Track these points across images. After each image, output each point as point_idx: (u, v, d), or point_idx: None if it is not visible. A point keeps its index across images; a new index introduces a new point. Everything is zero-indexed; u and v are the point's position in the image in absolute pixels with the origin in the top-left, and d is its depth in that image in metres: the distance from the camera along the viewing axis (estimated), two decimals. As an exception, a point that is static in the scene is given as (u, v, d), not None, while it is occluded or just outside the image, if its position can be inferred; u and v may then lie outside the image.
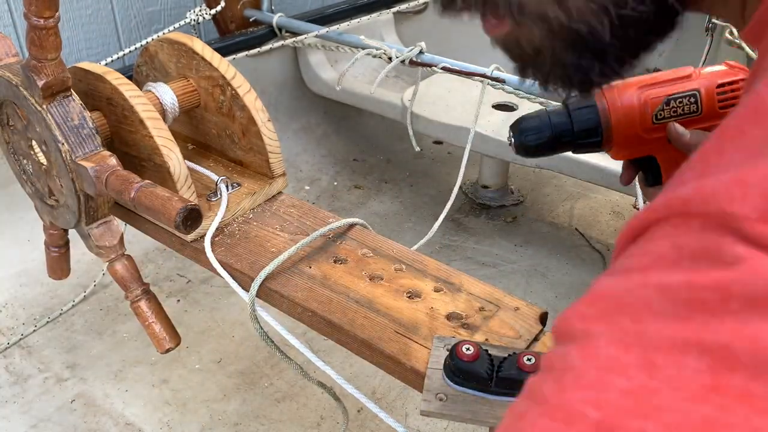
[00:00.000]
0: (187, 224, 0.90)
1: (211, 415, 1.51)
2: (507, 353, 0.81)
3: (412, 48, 1.89)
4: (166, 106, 1.17)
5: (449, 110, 2.01)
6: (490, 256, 2.01)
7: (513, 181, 2.32)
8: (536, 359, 0.78)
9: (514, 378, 0.78)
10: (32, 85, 0.98)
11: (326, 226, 1.10)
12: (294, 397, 1.55)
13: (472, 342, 0.82)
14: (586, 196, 2.28)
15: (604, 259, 1.99)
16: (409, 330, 0.93)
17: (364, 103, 2.20)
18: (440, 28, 2.70)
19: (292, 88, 2.37)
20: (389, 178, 2.39)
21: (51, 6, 0.90)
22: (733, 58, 1.96)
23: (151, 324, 1.11)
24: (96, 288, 1.83)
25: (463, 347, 0.80)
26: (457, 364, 0.80)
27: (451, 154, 2.50)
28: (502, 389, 0.79)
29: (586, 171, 1.79)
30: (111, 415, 1.51)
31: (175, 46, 1.19)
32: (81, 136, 1.02)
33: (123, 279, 1.11)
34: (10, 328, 1.72)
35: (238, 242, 1.10)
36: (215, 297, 1.83)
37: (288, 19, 2.20)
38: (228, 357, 1.66)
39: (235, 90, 1.15)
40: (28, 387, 1.57)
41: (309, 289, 1.01)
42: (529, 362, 0.78)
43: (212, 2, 2.12)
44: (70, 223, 1.11)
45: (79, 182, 1.03)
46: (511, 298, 0.98)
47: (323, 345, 1.61)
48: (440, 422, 1.49)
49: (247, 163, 1.23)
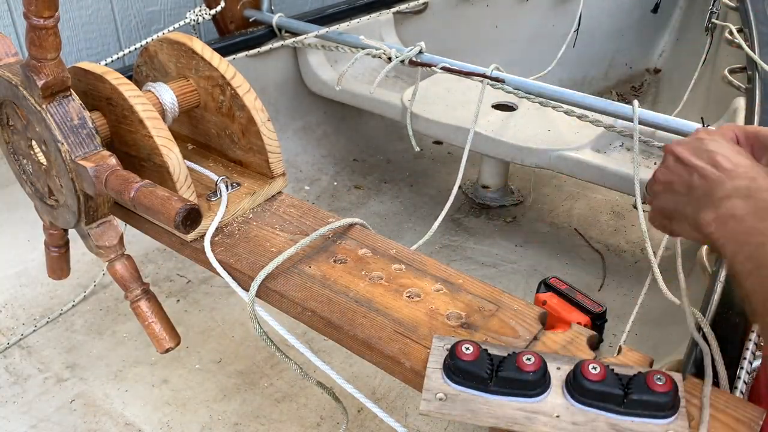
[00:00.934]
0: (187, 224, 0.89)
1: (211, 415, 1.51)
2: (507, 352, 0.81)
3: (412, 48, 1.89)
4: (165, 106, 1.17)
5: (449, 110, 2.01)
6: (490, 256, 2.01)
7: (513, 181, 2.32)
8: (535, 359, 0.79)
9: (514, 378, 0.78)
10: (32, 85, 0.98)
11: (326, 226, 1.10)
12: (294, 397, 1.55)
13: (472, 341, 0.82)
14: (586, 196, 2.28)
15: (604, 259, 1.99)
16: (409, 330, 0.93)
17: (363, 103, 2.20)
18: (440, 28, 2.70)
19: (292, 88, 2.37)
20: (389, 178, 2.39)
21: (51, 6, 0.90)
22: (733, 58, 1.96)
23: (150, 324, 1.11)
24: (96, 288, 1.83)
25: (462, 347, 0.80)
26: (456, 364, 0.80)
27: (451, 154, 2.50)
28: (501, 389, 0.79)
29: (586, 171, 1.79)
30: (111, 415, 1.51)
31: (174, 46, 1.19)
32: (81, 135, 1.02)
33: (123, 279, 1.11)
34: (10, 328, 1.72)
35: (237, 242, 1.10)
36: (215, 297, 1.83)
37: (288, 19, 2.20)
38: (228, 357, 1.66)
39: (235, 90, 1.15)
40: (28, 387, 1.57)
41: (309, 288, 1.01)
42: (528, 362, 0.78)
43: (212, 2, 2.12)
44: (70, 222, 1.11)
45: (78, 182, 1.03)
46: (511, 298, 0.98)
47: (323, 345, 1.61)
48: (440, 422, 1.49)
49: (246, 163, 1.23)
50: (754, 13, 2.08)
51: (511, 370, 0.78)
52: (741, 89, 1.78)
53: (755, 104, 1.64)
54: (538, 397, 0.78)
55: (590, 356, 0.88)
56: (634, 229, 2.10)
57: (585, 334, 0.91)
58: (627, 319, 1.47)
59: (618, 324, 1.74)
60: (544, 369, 0.79)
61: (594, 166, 1.77)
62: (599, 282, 1.90)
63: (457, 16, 2.74)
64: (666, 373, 0.77)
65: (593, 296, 1.08)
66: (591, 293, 1.86)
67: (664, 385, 0.75)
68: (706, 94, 2.26)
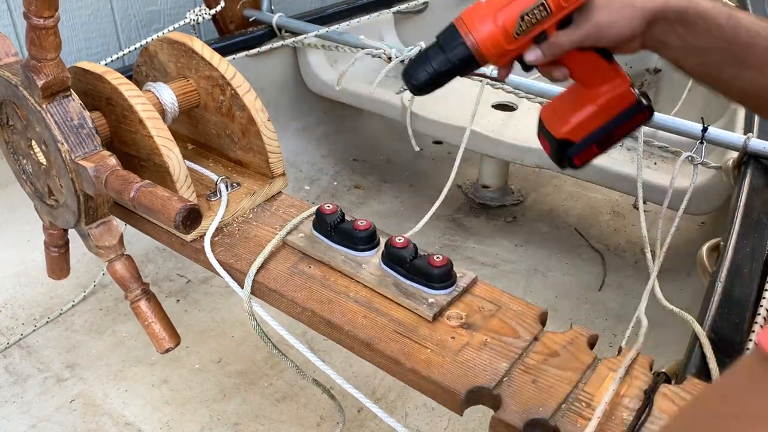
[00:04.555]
0: (187, 224, 0.89)
1: (210, 415, 1.51)
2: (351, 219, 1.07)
3: (412, 48, 1.89)
4: (165, 106, 1.17)
5: (449, 110, 2.01)
6: (490, 256, 2.01)
7: (513, 181, 2.32)
8: (367, 223, 1.04)
9: (350, 234, 1.04)
10: (32, 85, 0.98)
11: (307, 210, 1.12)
12: (294, 397, 1.55)
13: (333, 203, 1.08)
14: (586, 196, 2.28)
15: (604, 258, 1.99)
16: (409, 330, 0.93)
17: (363, 103, 2.19)
18: (440, 28, 2.70)
19: (292, 88, 2.37)
20: (389, 178, 2.39)
21: (50, 6, 0.90)
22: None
23: (150, 324, 1.11)
24: (96, 288, 1.83)
25: (325, 206, 1.07)
26: (321, 218, 1.07)
27: (451, 154, 2.50)
28: (340, 240, 1.06)
29: (586, 171, 1.78)
30: (110, 415, 1.51)
31: (174, 46, 1.19)
32: (80, 135, 1.02)
33: (122, 279, 1.11)
34: (10, 328, 1.72)
35: (237, 242, 1.10)
36: (215, 297, 1.83)
37: (288, 19, 2.19)
38: (228, 357, 1.66)
39: (235, 90, 1.15)
40: (28, 387, 1.57)
41: (309, 288, 1.01)
42: (362, 224, 1.04)
43: (212, 2, 2.12)
44: (70, 222, 1.11)
45: (78, 182, 1.03)
46: (511, 298, 0.98)
47: (323, 345, 1.61)
48: (440, 422, 1.49)
49: (246, 162, 1.23)
50: (755, 14, 2.08)
51: (348, 231, 1.04)
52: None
53: (755, 104, 1.64)
54: (364, 252, 1.04)
55: (590, 356, 0.88)
56: (635, 229, 2.10)
57: (585, 334, 0.92)
58: (627, 319, 1.47)
59: (618, 324, 1.74)
60: (373, 231, 1.04)
61: (594, 166, 1.76)
62: (599, 282, 1.90)
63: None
64: (445, 256, 0.97)
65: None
66: (591, 293, 1.87)
67: (440, 262, 0.96)
68: (706, 94, 2.26)
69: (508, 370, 0.86)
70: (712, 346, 0.91)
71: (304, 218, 1.12)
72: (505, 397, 0.83)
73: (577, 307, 1.81)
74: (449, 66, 0.84)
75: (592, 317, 1.77)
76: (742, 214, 1.24)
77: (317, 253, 1.05)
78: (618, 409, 0.81)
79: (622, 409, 0.81)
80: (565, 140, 0.89)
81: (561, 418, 0.81)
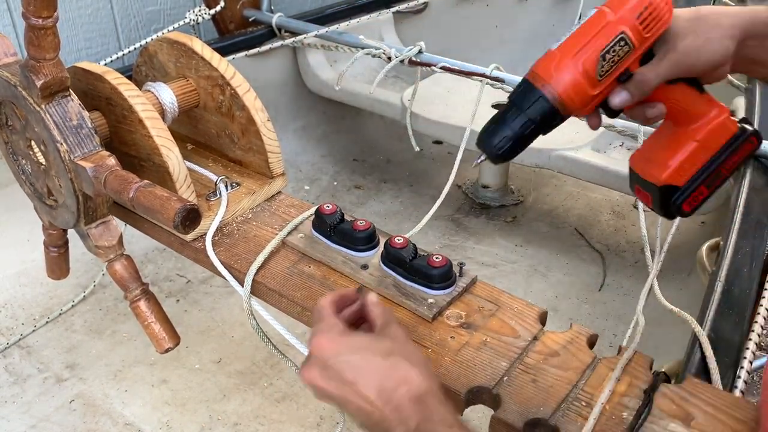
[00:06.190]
0: (186, 224, 0.89)
1: (210, 415, 1.51)
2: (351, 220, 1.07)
3: (412, 48, 1.89)
4: (165, 106, 1.17)
5: (448, 110, 2.01)
6: (490, 256, 2.01)
7: (513, 181, 2.32)
8: (366, 224, 1.04)
9: (349, 234, 1.04)
10: (31, 85, 0.98)
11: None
12: (294, 397, 1.55)
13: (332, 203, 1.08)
14: (586, 196, 2.28)
15: (604, 259, 1.99)
16: (409, 330, 0.93)
17: (363, 103, 2.19)
18: (440, 28, 2.70)
19: (291, 88, 2.37)
20: (389, 178, 2.39)
21: (49, 6, 0.89)
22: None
23: (150, 324, 1.10)
24: (95, 288, 1.83)
25: (325, 205, 1.07)
26: (320, 218, 1.07)
27: (451, 154, 2.50)
28: (340, 240, 1.05)
29: (586, 171, 1.79)
30: (110, 415, 1.51)
31: (174, 46, 1.19)
32: (80, 136, 1.01)
33: (122, 279, 1.11)
34: (10, 328, 1.72)
35: (237, 242, 1.10)
36: (215, 297, 1.83)
37: (287, 19, 2.19)
38: (228, 357, 1.66)
39: (235, 90, 1.15)
40: (28, 387, 1.57)
41: (309, 288, 1.01)
42: (361, 224, 1.04)
43: (211, 2, 2.12)
44: (69, 223, 1.11)
45: (77, 182, 1.02)
46: (511, 298, 0.98)
47: (323, 345, 1.61)
48: (440, 422, 1.49)
49: (246, 162, 1.23)
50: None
51: (348, 231, 1.04)
52: (741, 89, 1.78)
53: (755, 104, 1.64)
54: (363, 252, 1.04)
55: (590, 356, 0.88)
56: (635, 229, 2.10)
57: (585, 334, 0.91)
58: (627, 319, 1.47)
59: (618, 324, 1.74)
60: (373, 231, 1.05)
61: (594, 166, 1.77)
62: (599, 282, 1.90)
63: (457, 16, 2.73)
64: (445, 256, 0.97)
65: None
66: (591, 293, 1.87)
67: (439, 263, 0.96)
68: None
69: (507, 369, 0.86)
70: (711, 346, 0.91)
71: (303, 218, 1.12)
72: (505, 397, 0.83)
73: (577, 307, 1.81)
74: (531, 126, 0.76)
75: (592, 317, 1.77)
76: (742, 213, 1.24)
77: (317, 254, 1.05)
78: (618, 409, 0.81)
79: (622, 409, 0.81)
80: (669, 186, 0.81)
81: (561, 417, 0.80)
